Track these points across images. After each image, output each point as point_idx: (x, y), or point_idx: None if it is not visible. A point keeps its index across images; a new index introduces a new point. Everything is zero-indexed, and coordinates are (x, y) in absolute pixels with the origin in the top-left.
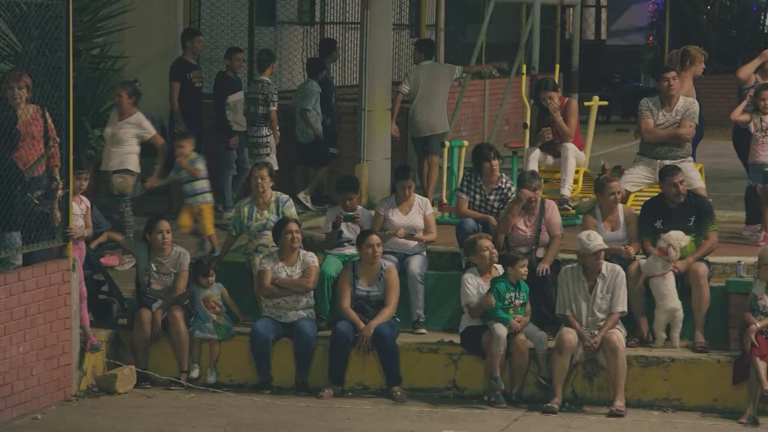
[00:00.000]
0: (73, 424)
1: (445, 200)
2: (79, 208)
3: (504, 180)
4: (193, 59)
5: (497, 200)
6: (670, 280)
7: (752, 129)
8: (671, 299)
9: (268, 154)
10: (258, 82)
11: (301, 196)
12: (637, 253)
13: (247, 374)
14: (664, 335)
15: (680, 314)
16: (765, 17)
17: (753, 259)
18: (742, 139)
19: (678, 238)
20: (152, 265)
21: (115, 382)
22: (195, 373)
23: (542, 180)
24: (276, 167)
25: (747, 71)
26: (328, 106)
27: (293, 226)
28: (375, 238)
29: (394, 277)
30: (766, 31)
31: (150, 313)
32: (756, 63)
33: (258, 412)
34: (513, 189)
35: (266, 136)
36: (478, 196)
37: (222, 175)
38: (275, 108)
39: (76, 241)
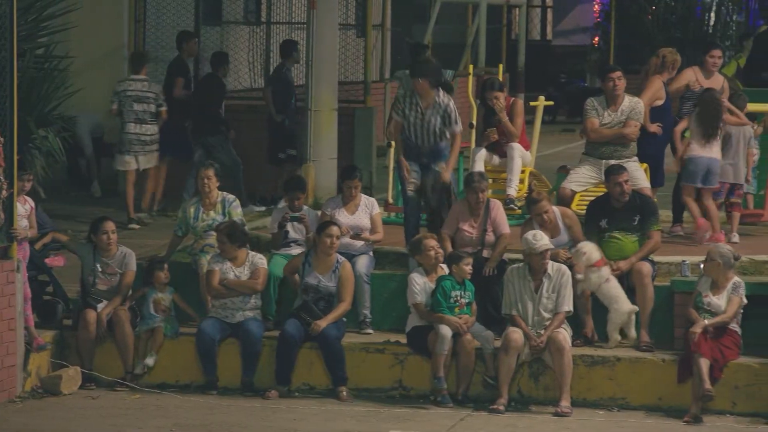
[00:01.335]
0: (18, 426)
1: (390, 200)
2: (24, 208)
3: (440, 96)
4: (188, 61)
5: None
6: (614, 283)
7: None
8: (624, 301)
9: (154, 152)
10: (141, 81)
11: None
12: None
13: (193, 375)
14: (618, 337)
15: (634, 315)
16: (709, 18)
17: (697, 259)
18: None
19: (588, 250)
20: (97, 265)
21: (60, 383)
22: (140, 369)
23: (488, 180)
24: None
25: (676, 87)
26: (287, 106)
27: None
28: (335, 229)
29: (349, 272)
30: (710, 31)
31: (95, 314)
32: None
33: (204, 412)
34: (452, 105)
35: (156, 134)
36: (416, 117)
37: (239, 172)
38: (165, 108)
39: (21, 242)
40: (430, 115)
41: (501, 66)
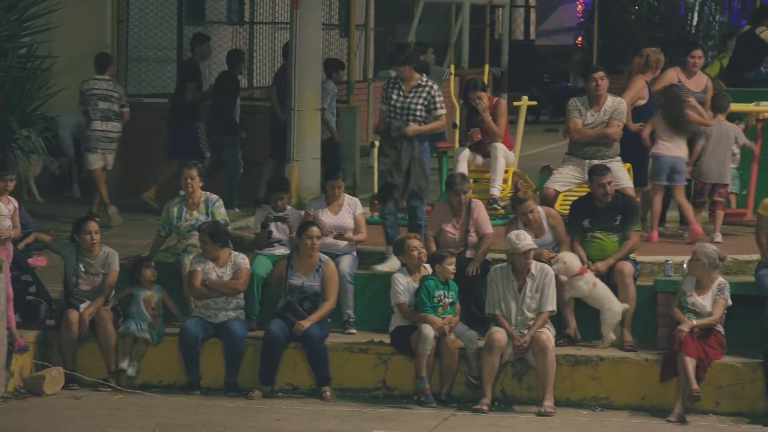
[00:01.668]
0: (1, 426)
1: (375, 200)
2: (7, 208)
3: (424, 79)
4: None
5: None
6: (601, 285)
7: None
8: (615, 301)
9: (113, 150)
10: (106, 81)
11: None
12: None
13: (176, 375)
14: (613, 336)
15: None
16: (692, 18)
17: (680, 258)
18: None
19: (568, 259)
20: (80, 265)
21: (43, 383)
22: (125, 365)
23: (472, 180)
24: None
25: (659, 87)
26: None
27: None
28: (315, 230)
29: (332, 270)
30: (693, 31)
31: (78, 314)
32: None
33: (187, 413)
34: (436, 88)
35: (119, 132)
36: (398, 98)
37: (236, 176)
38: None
39: (4, 242)
40: (412, 96)
41: (486, 67)
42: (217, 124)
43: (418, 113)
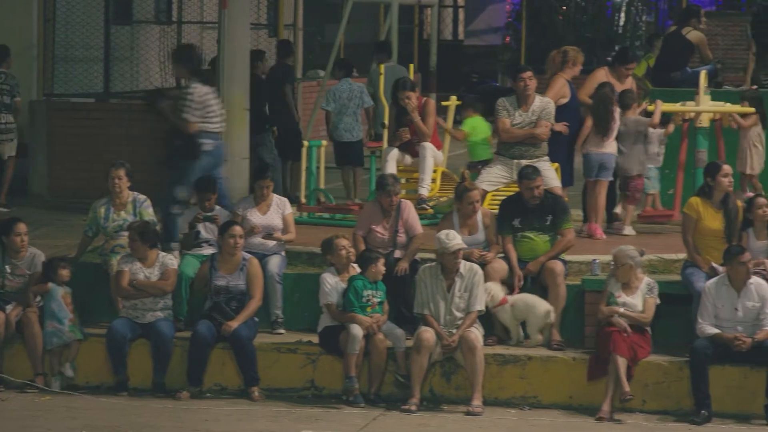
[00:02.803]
0: None
1: (303, 200)
2: None
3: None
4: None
5: None
6: (521, 299)
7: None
8: (539, 305)
9: (12, 140)
10: (5, 73)
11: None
12: (498, 253)
13: (104, 376)
14: (540, 337)
15: (553, 313)
16: (619, 18)
17: (608, 257)
18: None
19: (494, 292)
20: (6, 267)
21: None
22: (66, 369)
23: (401, 180)
24: (13, 153)
25: (590, 87)
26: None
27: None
28: (238, 229)
29: (256, 268)
30: (620, 31)
31: (4, 315)
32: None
33: (115, 414)
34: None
35: (13, 123)
36: None
37: (278, 171)
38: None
39: None
40: None
41: (411, 66)
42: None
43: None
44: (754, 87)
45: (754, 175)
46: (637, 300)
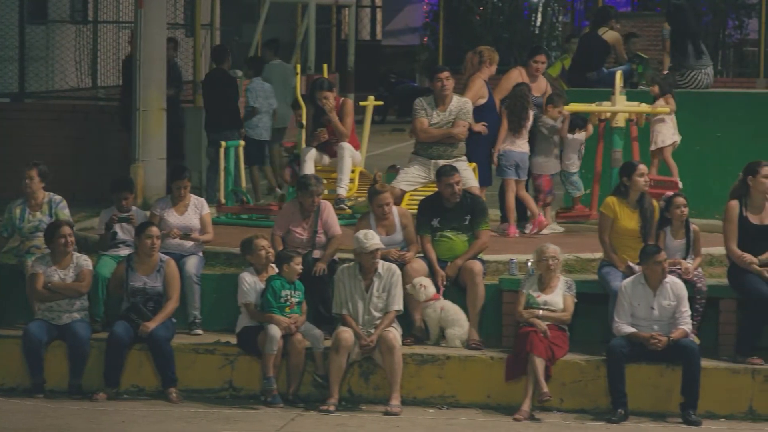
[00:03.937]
0: None
1: (222, 200)
2: None
3: None
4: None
5: None
6: (448, 307)
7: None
8: (461, 324)
9: None
10: None
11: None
12: (417, 253)
13: (19, 378)
14: (458, 342)
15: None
16: (536, 18)
17: (525, 257)
18: None
19: (427, 283)
20: None
21: None
22: None
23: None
24: None
25: (505, 87)
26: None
27: (66, 230)
28: (154, 230)
29: (173, 269)
30: (537, 32)
31: None
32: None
33: (30, 416)
34: None
35: None
36: None
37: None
38: None
39: None
40: None
41: (325, 66)
42: (222, 121)
43: None
44: (666, 72)
45: (664, 149)
46: (558, 298)
